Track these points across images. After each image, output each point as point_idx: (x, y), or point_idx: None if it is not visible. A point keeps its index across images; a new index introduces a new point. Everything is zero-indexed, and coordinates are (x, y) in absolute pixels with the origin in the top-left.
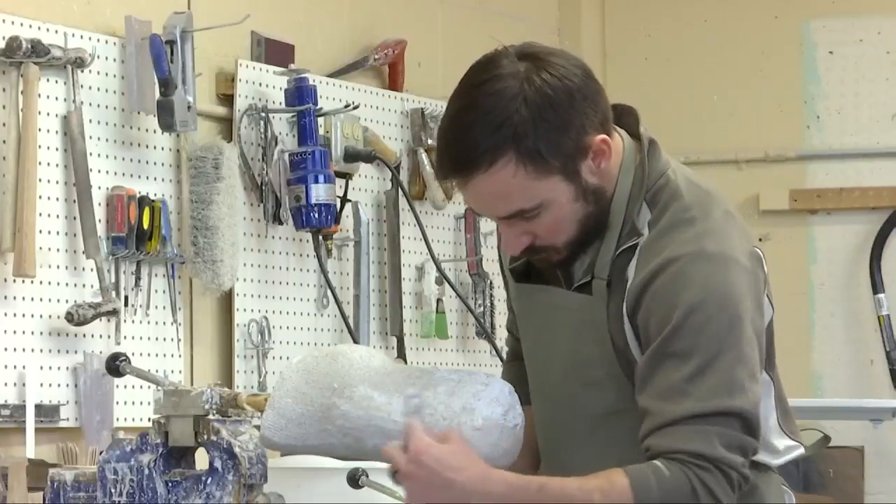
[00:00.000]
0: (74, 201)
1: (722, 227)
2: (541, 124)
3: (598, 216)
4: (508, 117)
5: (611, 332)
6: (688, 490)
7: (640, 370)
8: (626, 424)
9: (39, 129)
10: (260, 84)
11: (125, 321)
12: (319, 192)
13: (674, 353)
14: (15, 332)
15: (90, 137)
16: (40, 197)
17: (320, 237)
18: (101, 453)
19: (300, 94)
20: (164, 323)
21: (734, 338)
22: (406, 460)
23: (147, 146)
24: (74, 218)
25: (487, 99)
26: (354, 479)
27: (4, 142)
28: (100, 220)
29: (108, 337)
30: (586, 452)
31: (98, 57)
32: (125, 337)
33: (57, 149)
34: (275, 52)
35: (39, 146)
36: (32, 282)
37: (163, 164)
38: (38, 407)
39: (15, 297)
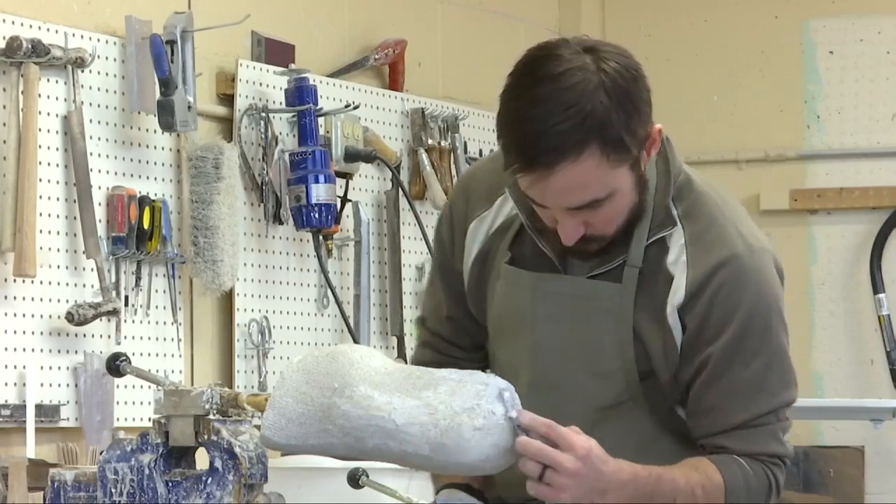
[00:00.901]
0: (75, 201)
1: (751, 224)
2: (621, 114)
3: (640, 207)
4: (593, 108)
5: (637, 321)
6: (766, 489)
7: (704, 366)
8: (628, 415)
9: (40, 129)
10: (260, 84)
11: (125, 321)
12: (320, 192)
13: (742, 350)
14: (15, 332)
15: (90, 137)
16: (40, 197)
17: (320, 237)
18: (101, 453)
19: (300, 94)
20: (165, 323)
21: (785, 332)
22: (575, 458)
23: (147, 146)
24: (75, 218)
25: (568, 92)
26: (354, 479)
27: (5, 142)
28: (100, 220)
29: (109, 337)
30: None
31: (98, 57)
32: (125, 337)
33: (57, 149)
34: (275, 52)
35: (40, 146)
36: (33, 282)
37: (163, 164)
38: (39, 407)
39: (15, 297)
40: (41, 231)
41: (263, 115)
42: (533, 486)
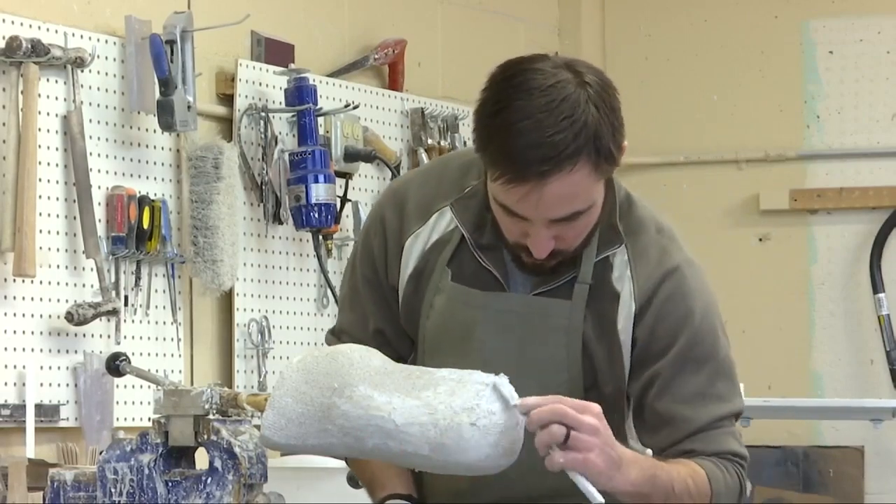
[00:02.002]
0: (74, 201)
1: (681, 239)
2: (609, 127)
3: (599, 222)
4: (586, 120)
5: (584, 335)
6: (738, 487)
7: (656, 377)
8: None
9: (39, 129)
10: (260, 84)
11: (125, 321)
12: (319, 192)
13: (692, 359)
14: (15, 331)
15: (90, 137)
16: (40, 197)
17: (320, 237)
18: (101, 453)
19: (300, 94)
20: (164, 323)
21: (727, 342)
22: (594, 417)
23: (147, 146)
24: (74, 218)
25: (562, 103)
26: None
27: (4, 142)
28: (100, 220)
29: (108, 337)
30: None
31: (98, 57)
32: (125, 337)
33: (57, 148)
34: (275, 52)
35: (39, 146)
36: (32, 281)
37: (163, 164)
38: (38, 407)
39: (15, 297)
40: (41, 231)
41: (263, 114)
42: (558, 455)
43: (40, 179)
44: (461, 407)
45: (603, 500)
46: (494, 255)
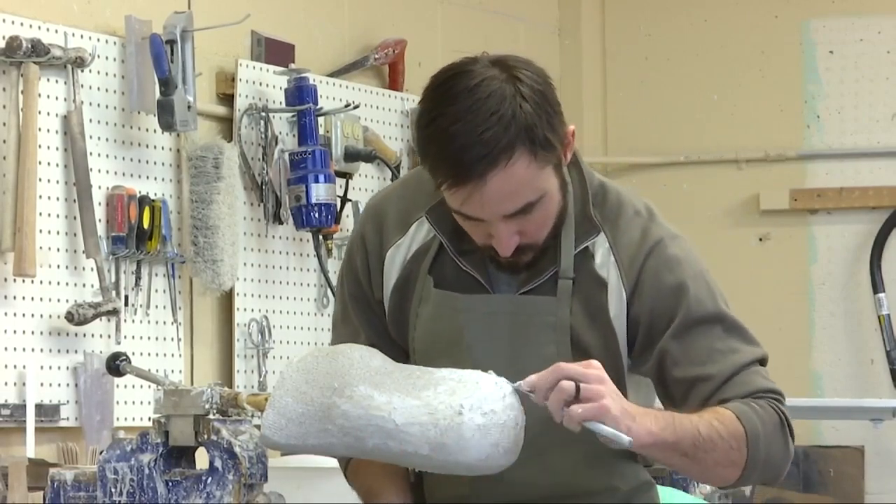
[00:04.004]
0: (75, 201)
1: (662, 217)
2: (542, 114)
3: (565, 210)
4: (515, 112)
5: (574, 329)
6: (778, 420)
7: (667, 351)
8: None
9: (39, 129)
10: (260, 84)
11: (125, 321)
12: (320, 192)
13: (697, 322)
14: (15, 331)
15: (90, 137)
16: (40, 196)
17: (320, 237)
18: (101, 453)
19: (300, 94)
20: (165, 322)
21: (727, 303)
22: (597, 369)
23: (147, 146)
24: (75, 217)
25: (488, 101)
26: None
27: (4, 141)
28: (100, 220)
29: (109, 337)
30: (536, 457)
31: (98, 56)
32: (125, 337)
33: (57, 148)
34: (275, 52)
35: (40, 146)
36: (32, 281)
37: (163, 164)
38: (39, 406)
39: (15, 297)
40: (41, 231)
41: (263, 114)
42: (572, 410)
43: (40, 179)
44: (461, 407)
45: (631, 439)
46: (474, 259)
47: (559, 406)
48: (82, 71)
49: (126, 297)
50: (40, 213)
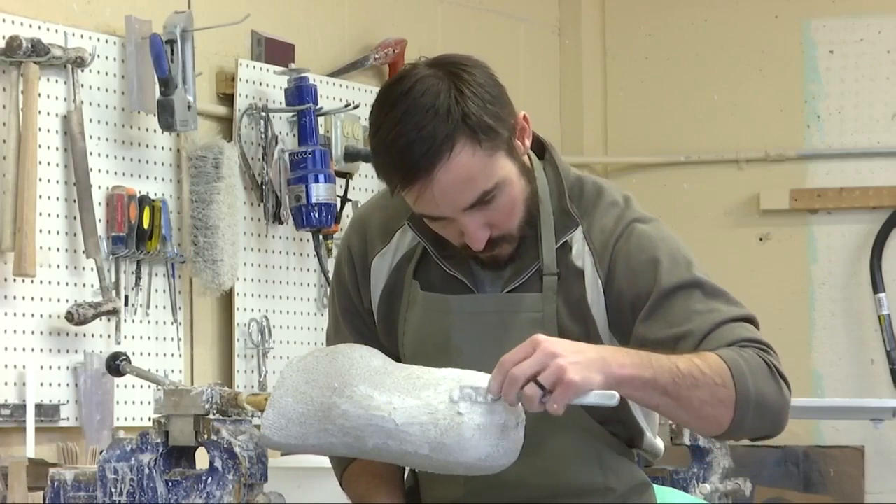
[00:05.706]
0: (75, 201)
1: (639, 205)
2: (478, 101)
3: (534, 199)
4: (449, 105)
5: (561, 323)
6: (765, 365)
7: (647, 322)
8: (563, 420)
9: (39, 129)
10: (260, 83)
11: (125, 321)
12: (320, 192)
13: (675, 290)
14: (15, 331)
15: (90, 137)
16: (40, 196)
17: (321, 237)
18: (101, 453)
19: (300, 94)
20: (165, 322)
21: (704, 272)
22: (530, 347)
23: (147, 146)
24: (74, 217)
25: (422, 99)
26: None
27: (4, 141)
28: (100, 220)
29: (109, 337)
30: (535, 458)
31: (98, 56)
32: (125, 337)
33: (57, 148)
34: (275, 52)
35: (40, 146)
36: (32, 281)
37: (163, 164)
38: (39, 406)
39: (15, 297)
40: (41, 231)
41: (263, 114)
42: (550, 402)
43: (40, 179)
44: (461, 407)
45: (618, 396)
46: (458, 261)
47: (534, 405)
48: (82, 71)
49: (126, 297)
50: (40, 213)
